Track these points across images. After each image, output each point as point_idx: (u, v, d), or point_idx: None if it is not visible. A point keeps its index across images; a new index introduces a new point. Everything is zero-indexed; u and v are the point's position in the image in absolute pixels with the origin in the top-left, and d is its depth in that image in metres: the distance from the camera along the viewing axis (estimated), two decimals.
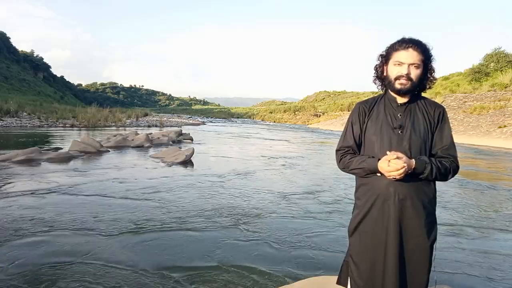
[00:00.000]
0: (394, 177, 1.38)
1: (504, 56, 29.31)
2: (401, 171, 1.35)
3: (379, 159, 1.43)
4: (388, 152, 1.40)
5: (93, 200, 4.65)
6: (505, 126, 21.36)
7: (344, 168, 1.58)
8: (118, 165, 7.66)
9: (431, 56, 1.50)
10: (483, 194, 6.33)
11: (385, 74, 1.55)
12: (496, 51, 30.23)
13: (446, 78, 36.37)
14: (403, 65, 1.46)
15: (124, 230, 3.57)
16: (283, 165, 9.02)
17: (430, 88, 1.56)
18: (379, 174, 1.44)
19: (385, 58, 1.54)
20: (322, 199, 5.36)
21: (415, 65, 1.45)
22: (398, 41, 1.49)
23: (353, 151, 1.58)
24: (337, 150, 1.63)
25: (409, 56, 1.45)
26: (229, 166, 8.30)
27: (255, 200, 5.10)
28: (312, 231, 3.84)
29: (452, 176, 1.49)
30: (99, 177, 6.18)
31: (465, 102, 27.50)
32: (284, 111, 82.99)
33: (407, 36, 1.49)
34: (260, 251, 3.22)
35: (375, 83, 1.63)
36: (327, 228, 3.98)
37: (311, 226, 4.02)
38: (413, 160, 1.40)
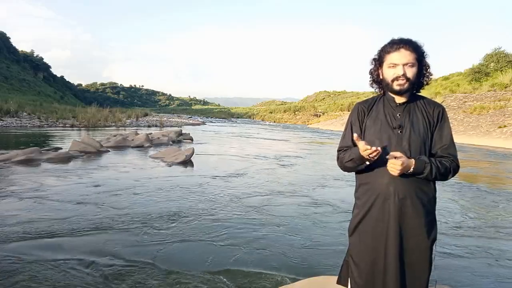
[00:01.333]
0: (392, 173, 1.39)
1: (504, 56, 29.29)
2: (398, 166, 1.35)
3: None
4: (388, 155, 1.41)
5: (93, 200, 4.65)
6: (505, 126, 21.36)
7: (341, 165, 1.58)
8: (118, 165, 7.66)
9: (424, 52, 1.50)
10: (484, 195, 6.33)
11: (381, 77, 1.56)
12: (496, 51, 30.22)
13: (446, 78, 36.36)
14: (398, 66, 1.46)
15: (124, 230, 3.57)
16: (282, 165, 9.02)
17: (427, 84, 1.56)
18: (368, 163, 1.44)
19: (379, 61, 1.54)
20: (322, 199, 5.36)
21: (409, 64, 1.46)
22: (389, 43, 1.50)
23: None
24: (338, 151, 1.64)
25: (402, 56, 1.45)
26: (229, 166, 8.30)
27: (255, 200, 5.09)
28: (312, 231, 3.84)
29: (452, 176, 1.49)
30: (99, 177, 6.18)
31: (465, 102, 27.50)
32: (284, 111, 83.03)
33: (403, 36, 1.50)
34: (260, 251, 3.22)
35: (372, 87, 1.64)
36: (326, 228, 3.97)
37: (310, 226, 4.02)
38: (413, 160, 1.39)
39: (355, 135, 1.42)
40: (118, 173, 6.70)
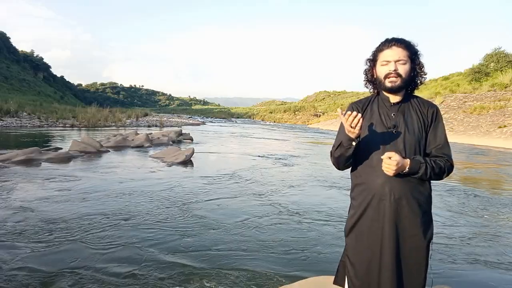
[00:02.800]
0: (387, 173, 1.39)
1: (504, 56, 29.28)
2: (393, 166, 1.36)
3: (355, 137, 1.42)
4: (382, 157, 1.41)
5: (93, 200, 4.65)
6: (505, 126, 21.36)
7: (333, 159, 1.56)
8: (118, 165, 7.66)
9: (417, 51, 1.51)
10: (484, 196, 6.33)
11: (375, 76, 1.57)
12: (496, 51, 30.21)
13: (446, 78, 36.35)
14: (390, 63, 1.48)
15: (124, 230, 3.57)
16: (282, 164, 9.02)
17: (422, 83, 1.57)
18: (354, 143, 1.43)
19: (373, 61, 1.56)
20: (322, 199, 5.36)
21: (401, 61, 1.47)
22: (382, 42, 1.52)
23: None
24: (331, 152, 1.64)
25: (394, 53, 1.47)
26: (229, 166, 8.30)
27: (255, 200, 5.10)
28: (311, 231, 3.84)
29: (447, 175, 1.50)
30: (98, 177, 6.18)
31: (465, 102, 27.49)
32: (284, 111, 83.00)
33: (402, 36, 1.51)
34: (260, 251, 3.23)
35: (367, 87, 1.65)
36: (326, 228, 3.97)
37: (310, 226, 4.02)
38: (408, 160, 1.40)
39: (338, 110, 1.41)
40: (118, 173, 6.70)
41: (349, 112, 1.36)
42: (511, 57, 29.07)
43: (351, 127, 1.37)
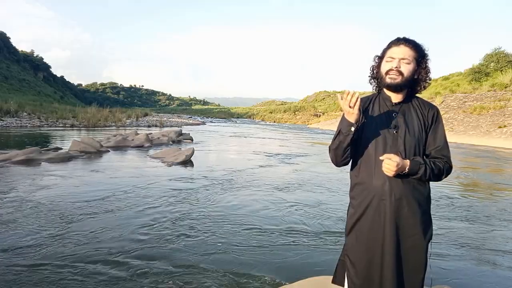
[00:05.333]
0: (387, 174, 1.39)
1: (504, 56, 29.29)
2: (393, 167, 1.36)
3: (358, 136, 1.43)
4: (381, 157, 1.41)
5: (92, 200, 4.65)
6: (505, 126, 21.37)
7: (331, 153, 1.55)
8: (118, 165, 7.67)
9: (425, 55, 1.51)
10: (484, 196, 6.33)
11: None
12: (496, 51, 30.21)
13: (446, 78, 36.35)
14: (394, 60, 1.48)
15: (124, 228, 3.57)
16: (282, 164, 9.02)
17: (424, 88, 1.56)
18: (353, 129, 1.41)
19: (380, 58, 1.57)
20: (321, 198, 5.36)
21: (406, 60, 1.47)
22: (392, 40, 1.53)
23: None
24: (329, 148, 1.64)
25: (400, 51, 1.47)
26: (229, 166, 8.30)
27: (255, 200, 5.10)
28: (312, 231, 3.84)
29: (445, 177, 1.51)
30: (98, 178, 6.18)
31: (465, 102, 27.50)
32: (284, 111, 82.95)
33: (403, 36, 1.52)
34: (260, 251, 3.23)
35: (370, 83, 1.65)
36: (326, 227, 3.98)
37: (310, 226, 4.02)
38: (407, 160, 1.41)
39: (338, 95, 1.41)
40: (118, 173, 6.70)
41: (346, 91, 1.36)
42: (511, 57, 29.08)
43: (350, 107, 1.36)
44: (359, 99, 1.36)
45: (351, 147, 1.49)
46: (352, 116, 1.39)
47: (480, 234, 4.02)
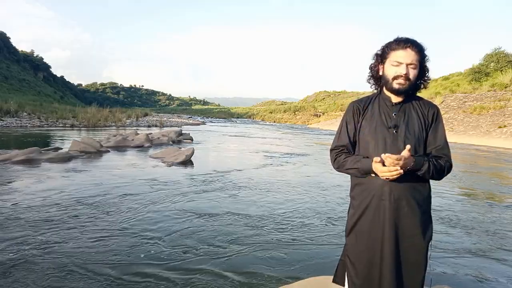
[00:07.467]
0: (387, 178, 1.37)
1: (504, 56, 29.28)
2: (394, 173, 1.34)
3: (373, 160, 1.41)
4: (383, 155, 1.38)
5: (92, 200, 4.65)
6: (505, 126, 21.37)
7: (339, 167, 1.56)
8: (118, 165, 7.67)
9: (426, 56, 1.50)
10: (483, 197, 6.33)
11: (380, 73, 1.55)
12: (496, 51, 30.20)
13: (446, 78, 36.34)
14: (402, 65, 1.45)
15: (124, 230, 3.58)
16: (282, 164, 9.02)
17: (425, 88, 1.56)
18: (373, 175, 1.44)
19: (381, 57, 1.53)
20: (321, 198, 5.36)
21: (413, 65, 1.45)
22: (395, 40, 1.47)
23: (347, 151, 1.58)
24: (331, 150, 1.63)
25: (408, 56, 1.44)
26: (229, 166, 8.30)
27: (255, 200, 5.10)
28: (312, 231, 3.84)
29: (446, 175, 1.50)
30: (98, 178, 6.18)
31: (465, 102, 27.50)
32: (284, 111, 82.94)
33: (403, 36, 1.48)
34: (260, 251, 3.23)
35: (369, 83, 1.63)
36: (326, 227, 3.98)
37: (310, 226, 4.02)
38: (412, 156, 1.39)
39: (377, 158, 1.36)
40: (118, 173, 6.70)
41: (398, 170, 1.32)
42: (511, 57, 29.06)
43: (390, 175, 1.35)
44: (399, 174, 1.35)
45: (351, 149, 1.54)
46: (381, 172, 1.38)
47: (481, 234, 4.02)
